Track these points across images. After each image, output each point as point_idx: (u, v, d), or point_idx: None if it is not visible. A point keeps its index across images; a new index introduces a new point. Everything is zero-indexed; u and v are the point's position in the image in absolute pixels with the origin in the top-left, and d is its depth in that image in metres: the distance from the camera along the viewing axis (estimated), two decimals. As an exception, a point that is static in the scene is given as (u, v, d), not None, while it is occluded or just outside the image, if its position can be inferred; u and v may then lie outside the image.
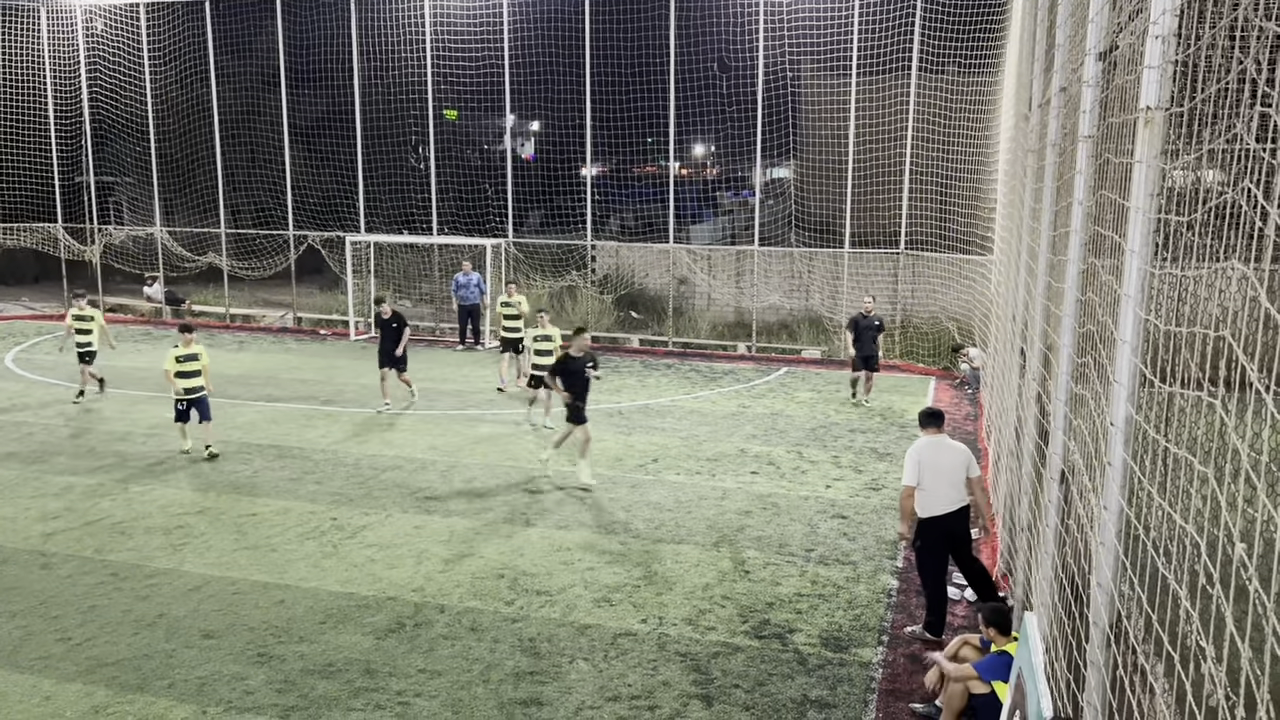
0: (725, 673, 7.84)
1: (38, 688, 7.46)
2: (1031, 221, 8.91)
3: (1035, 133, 9.23)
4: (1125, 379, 3.99)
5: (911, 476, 8.44)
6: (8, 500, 11.79)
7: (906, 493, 8.48)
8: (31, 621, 8.58)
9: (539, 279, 25.23)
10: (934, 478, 8.38)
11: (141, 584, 9.40)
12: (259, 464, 13.41)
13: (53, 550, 10.22)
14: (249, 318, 27.50)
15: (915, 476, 8.42)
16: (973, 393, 18.51)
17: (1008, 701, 6.34)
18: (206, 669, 7.78)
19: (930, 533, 8.42)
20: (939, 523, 8.41)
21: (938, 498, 8.40)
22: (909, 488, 8.46)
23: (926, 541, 8.45)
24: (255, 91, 26.85)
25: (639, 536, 10.87)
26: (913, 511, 8.45)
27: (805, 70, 23.32)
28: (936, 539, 8.44)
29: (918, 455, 8.49)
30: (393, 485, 12.54)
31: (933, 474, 8.38)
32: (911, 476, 8.44)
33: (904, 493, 8.52)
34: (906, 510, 8.49)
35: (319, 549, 10.35)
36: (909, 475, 8.46)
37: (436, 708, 7.23)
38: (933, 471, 8.39)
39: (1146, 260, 3.83)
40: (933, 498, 8.40)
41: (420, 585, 9.44)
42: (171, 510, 11.52)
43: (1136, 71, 4.03)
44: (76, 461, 13.41)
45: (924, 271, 21.94)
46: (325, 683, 7.58)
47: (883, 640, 8.50)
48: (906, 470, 8.49)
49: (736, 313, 24.71)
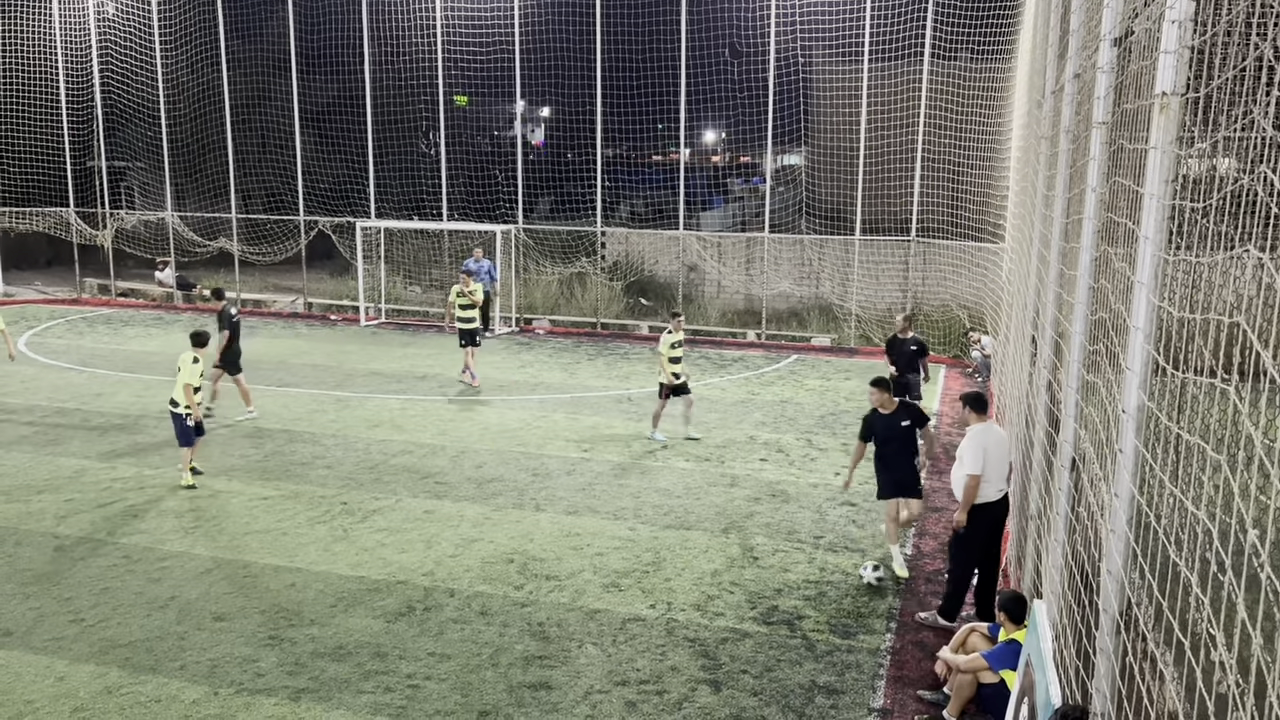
0: (733, 658, 7.86)
1: (51, 668, 7.53)
2: (1044, 208, 8.87)
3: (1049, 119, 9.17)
4: (1138, 366, 3.97)
5: (977, 464, 8.21)
6: (21, 483, 11.87)
7: (973, 482, 8.23)
8: (45, 603, 8.65)
9: (549, 265, 25.22)
10: (990, 465, 8.25)
11: (153, 566, 9.46)
12: (270, 448, 13.46)
13: (66, 533, 10.29)
14: (260, 303, 27.56)
15: (980, 464, 8.21)
16: (983, 380, 18.46)
17: (1016, 688, 6.34)
18: (218, 651, 7.83)
19: (979, 519, 8.30)
20: (990, 509, 8.32)
21: (991, 484, 8.28)
22: (975, 476, 8.22)
23: (972, 528, 8.32)
24: (266, 76, 26.84)
25: (648, 522, 10.89)
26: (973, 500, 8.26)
27: (817, 56, 23.20)
28: (982, 525, 8.34)
29: (982, 442, 8.28)
30: (403, 470, 12.58)
31: (990, 461, 8.24)
32: (977, 464, 8.21)
33: (970, 482, 8.24)
34: (970, 499, 8.27)
35: (330, 533, 10.40)
36: (974, 463, 8.22)
37: (446, 690, 7.27)
38: (990, 459, 8.25)
39: (1160, 247, 3.81)
40: (987, 484, 8.27)
41: (430, 569, 9.48)
42: (183, 494, 11.58)
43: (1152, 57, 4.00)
44: (89, 445, 13.49)
45: (935, 259, 21.87)
46: (336, 665, 7.62)
47: (891, 627, 8.51)
48: (970, 458, 8.24)
49: (746, 300, 24.68)
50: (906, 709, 7.18)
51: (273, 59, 26.43)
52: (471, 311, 17.74)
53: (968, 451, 8.29)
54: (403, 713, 6.97)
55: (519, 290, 25.04)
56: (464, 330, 17.76)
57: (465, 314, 17.72)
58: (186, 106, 27.50)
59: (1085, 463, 5.60)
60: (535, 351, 21.36)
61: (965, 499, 8.30)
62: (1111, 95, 5.36)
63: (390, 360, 19.83)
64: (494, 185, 26.24)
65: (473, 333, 17.75)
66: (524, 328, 24.60)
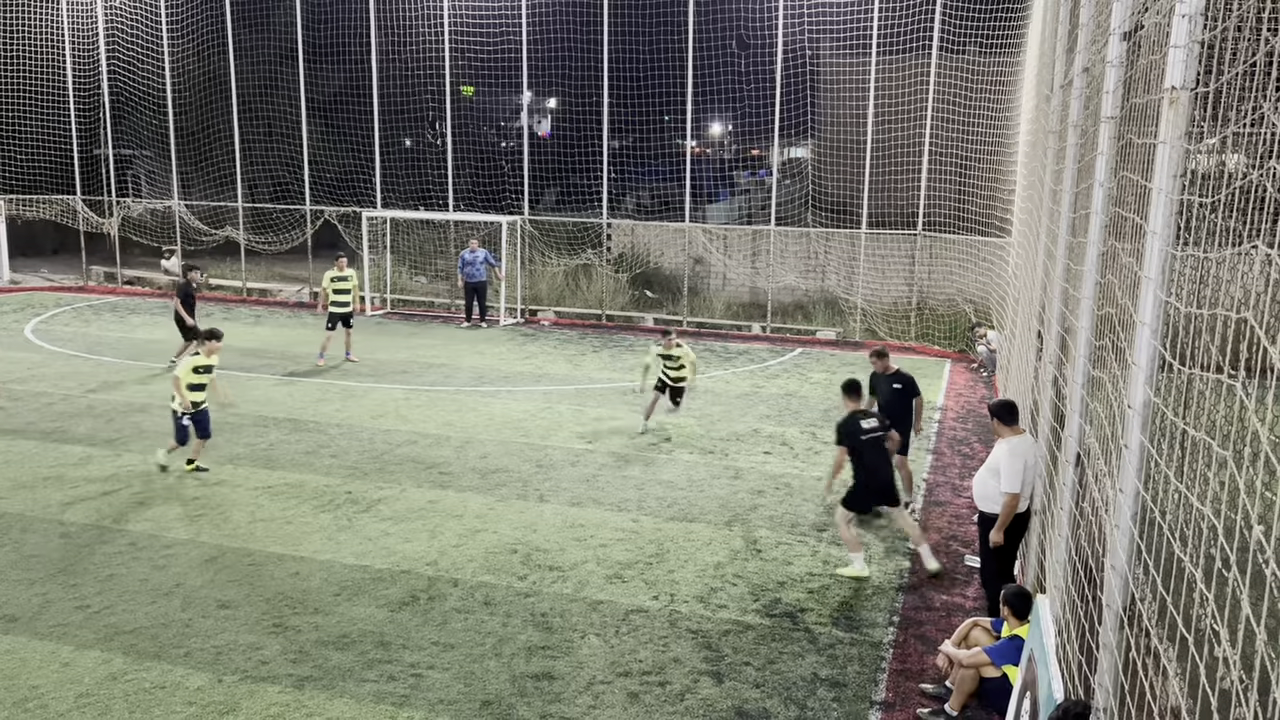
0: (736, 650, 7.88)
1: (56, 654, 7.56)
2: (1051, 203, 8.85)
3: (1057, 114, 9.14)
4: (1144, 362, 3.97)
5: (1016, 482, 7.81)
6: (28, 470, 11.91)
7: (1013, 501, 7.83)
8: (51, 589, 8.69)
9: (554, 257, 25.21)
10: (1029, 476, 7.94)
11: (159, 554, 9.50)
12: (275, 437, 13.49)
13: (71, 519, 10.33)
14: (265, 292, 27.59)
15: (1019, 481, 7.87)
16: (988, 375, 18.44)
17: (1018, 682, 6.35)
18: (222, 638, 7.86)
19: (1014, 528, 8.07)
20: (1023, 517, 8.10)
21: (1026, 495, 7.98)
22: (1015, 495, 7.82)
23: (1011, 537, 8.08)
24: (273, 66, 26.82)
25: (651, 514, 10.90)
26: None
27: (824, 49, 23.13)
28: (1017, 533, 8.14)
29: (1024, 458, 7.87)
30: (407, 460, 12.60)
31: (1029, 473, 7.93)
32: (1016, 482, 7.81)
33: (1010, 501, 7.83)
34: (1009, 518, 7.90)
35: (334, 522, 10.43)
36: (1014, 481, 7.81)
37: (449, 680, 7.30)
38: (1030, 471, 7.93)
39: (1168, 242, 3.81)
40: (1023, 496, 7.96)
41: (434, 559, 9.50)
42: (189, 481, 11.61)
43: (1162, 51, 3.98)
44: (95, 432, 13.53)
45: (941, 253, 21.82)
46: (340, 654, 7.65)
47: (894, 621, 8.51)
48: (1009, 474, 7.81)
49: (752, 293, 24.66)
50: (909, 702, 7.19)
51: (280, 48, 26.41)
52: (346, 296, 18.50)
53: (1007, 466, 7.85)
54: (406, 702, 7.00)
55: (524, 281, 25.04)
56: (335, 314, 18.47)
57: (340, 298, 18.47)
58: (193, 95, 27.49)
59: (1090, 458, 5.60)
60: (540, 343, 21.37)
61: (1004, 518, 7.92)
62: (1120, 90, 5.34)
63: (395, 350, 19.85)
64: (500, 176, 26.23)
65: (345, 316, 18.53)
66: (529, 319, 24.61)
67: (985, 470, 8.24)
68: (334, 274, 18.58)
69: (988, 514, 8.17)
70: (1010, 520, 7.96)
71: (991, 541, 8.06)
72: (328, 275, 18.69)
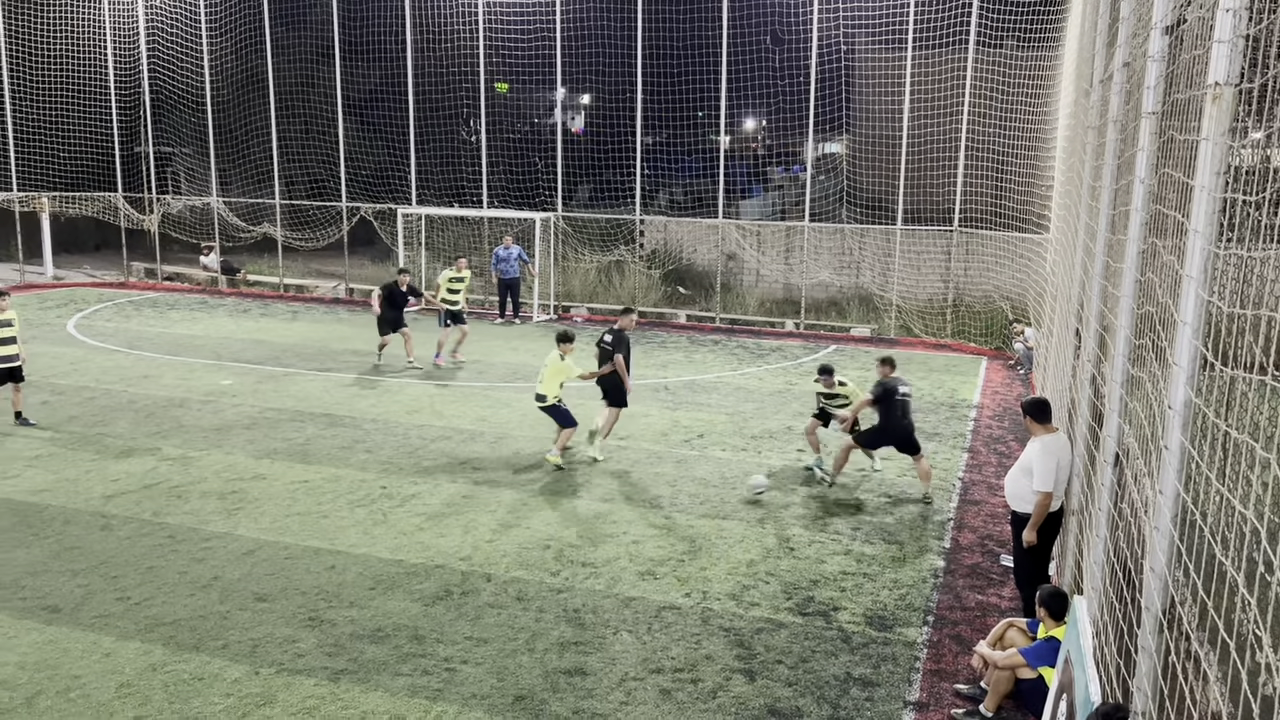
0: (768, 648, 7.86)
1: (98, 644, 7.69)
2: (1090, 200, 8.73)
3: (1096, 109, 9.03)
4: (1185, 362, 3.91)
5: (1049, 481, 7.74)
6: (70, 463, 12.12)
7: (1046, 500, 7.77)
8: (92, 580, 8.84)
9: (587, 253, 25.26)
10: (1062, 475, 7.87)
11: (197, 547, 9.63)
12: (311, 432, 13.64)
13: (113, 512, 10.50)
14: (302, 288, 27.87)
15: (1053, 480, 7.78)
16: (1025, 373, 18.26)
17: (1054, 684, 6.29)
18: (259, 631, 7.96)
19: (1048, 527, 8.01)
20: (1056, 517, 8.04)
21: (1059, 494, 7.92)
22: (1049, 494, 7.76)
23: (1045, 537, 8.02)
24: (310, 63, 27.08)
25: (684, 511, 10.90)
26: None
27: (860, 43, 22.97)
28: (1050, 533, 8.08)
29: (1057, 457, 7.81)
30: (442, 455, 12.68)
31: (1063, 472, 7.86)
32: (1049, 481, 7.74)
33: (1043, 500, 7.77)
34: (1042, 518, 7.85)
35: (369, 516, 10.52)
36: (1047, 480, 7.75)
37: (482, 675, 7.34)
38: (1063, 470, 7.86)
39: (1210, 240, 3.75)
40: (1056, 495, 7.90)
41: (468, 554, 9.56)
42: (226, 475, 11.76)
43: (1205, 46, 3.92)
44: (135, 426, 13.74)
45: (978, 249, 21.61)
46: (374, 647, 7.72)
47: (928, 620, 8.46)
48: (1043, 473, 7.74)
49: (785, 289, 24.57)
50: (942, 703, 7.14)
51: (317, 46, 26.66)
52: (457, 296, 18.50)
53: (1040, 465, 7.77)
54: (439, 695, 7.05)
55: (557, 278, 25.11)
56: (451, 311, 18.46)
57: (452, 296, 18.47)
58: (231, 93, 27.82)
59: (1129, 458, 5.53)
60: (573, 339, 21.41)
61: (1037, 517, 7.85)
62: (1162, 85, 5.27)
63: (429, 347, 19.97)
64: (533, 172, 26.31)
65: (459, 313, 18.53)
66: (562, 315, 24.67)
67: (1018, 469, 8.15)
68: (452, 274, 18.62)
69: (1020, 514, 8.07)
70: (1043, 519, 7.88)
71: (1025, 541, 7.99)
72: (445, 274, 18.71)
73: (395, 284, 17.86)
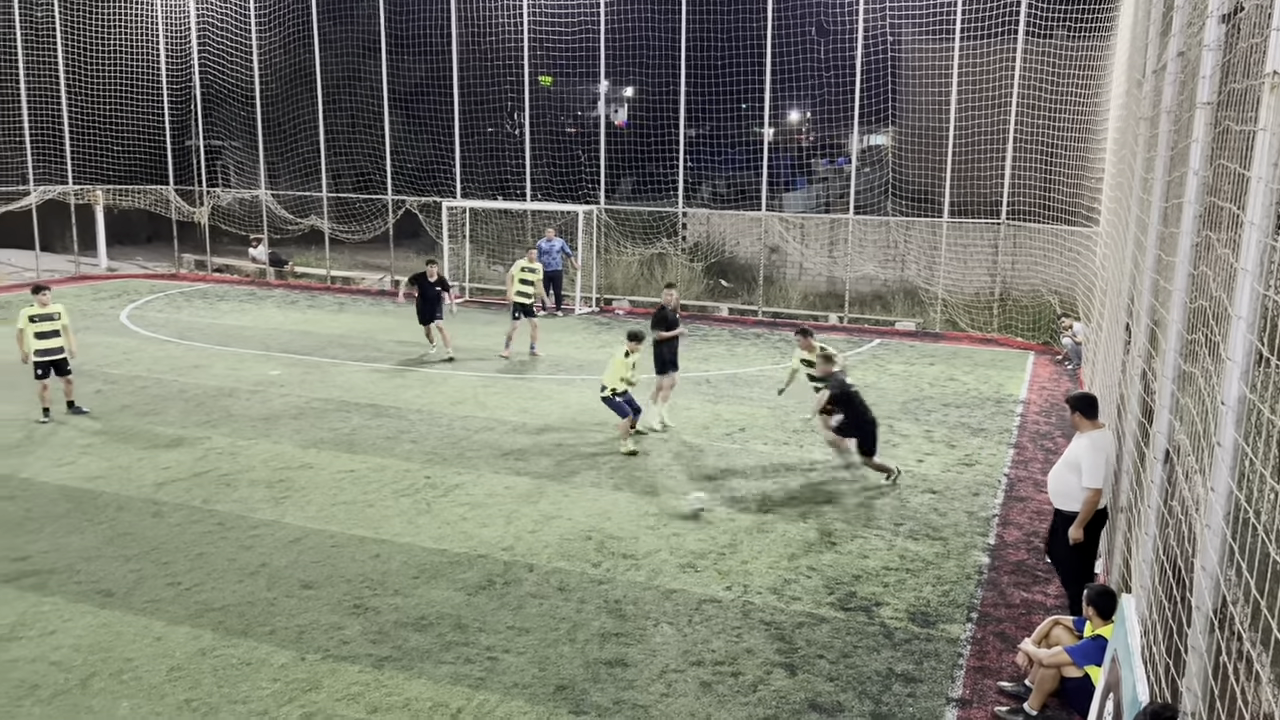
0: (810, 643, 7.83)
1: (149, 628, 7.86)
2: (1142, 192, 8.57)
3: (1149, 99, 8.85)
4: (1239, 356, 3.83)
5: (1099, 477, 7.63)
6: (122, 451, 12.38)
7: (1096, 496, 7.68)
8: (144, 566, 9.03)
9: (630, 246, 25.27)
10: (1109, 471, 7.79)
11: (245, 534, 9.80)
12: (357, 422, 13.80)
13: (164, 499, 10.71)
14: (348, 280, 28.19)
15: (1102, 477, 7.67)
16: (1073, 369, 17.99)
17: (1101, 683, 6.21)
18: (305, 618, 8.08)
19: (1093, 524, 7.91)
20: (1101, 513, 7.92)
21: (1107, 490, 7.82)
22: (1098, 491, 7.66)
23: (1090, 534, 7.93)
24: (356, 57, 27.35)
25: (725, 505, 10.89)
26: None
27: (906, 34, 22.72)
28: (1096, 530, 7.98)
29: (1106, 452, 7.72)
30: (485, 446, 12.78)
31: (1110, 468, 7.78)
32: (1099, 477, 7.63)
33: (1093, 496, 7.68)
34: (1090, 514, 7.75)
35: (413, 506, 10.63)
36: (1097, 476, 7.64)
37: (524, 664, 7.40)
38: (1110, 466, 7.78)
39: (1267, 233, 3.67)
40: (1105, 491, 7.81)
41: (510, 544, 9.63)
42: (274, 464, 11.94)
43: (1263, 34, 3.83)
44: (186, 415, 13.99)
45: (1025, 243, 21.30)
46: (418, 635, 7.81)
47: (971, 617, 8.37)
48: (1092, 470, 7.64)
49: (829, 282, 24.40)
50: (986, 700, 7.08)
51: (363, 40, 26.91)
52: (530, 287, 18.43)
53: (1088, 462, 7.67)
54: (482, 684, 7.11)
55: (599, 270, 25.15)
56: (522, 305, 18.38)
57: (524, 288, 18.37)
58: (280, 87, 28.18)
59: (1180, 455, 5.43)
60: (615, 332, 21.43)
61: (1085, 514, 7.75)
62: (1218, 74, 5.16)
63: (473, 338, 20.11)
64: (576, 165, 26.36)
65: (529, 307, 18.43)
66: (604, 308, 24.72)
67: (1063, 466, 8.01)
68: (524, 264, 18.60)
69: (1066, 511, 7.95)
70: (1090, 516, 7.76)
71: (1071, 538, 7.87)
72: (518, 264, 18.68)
73: (424, 274, 17.97)
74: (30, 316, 13.46)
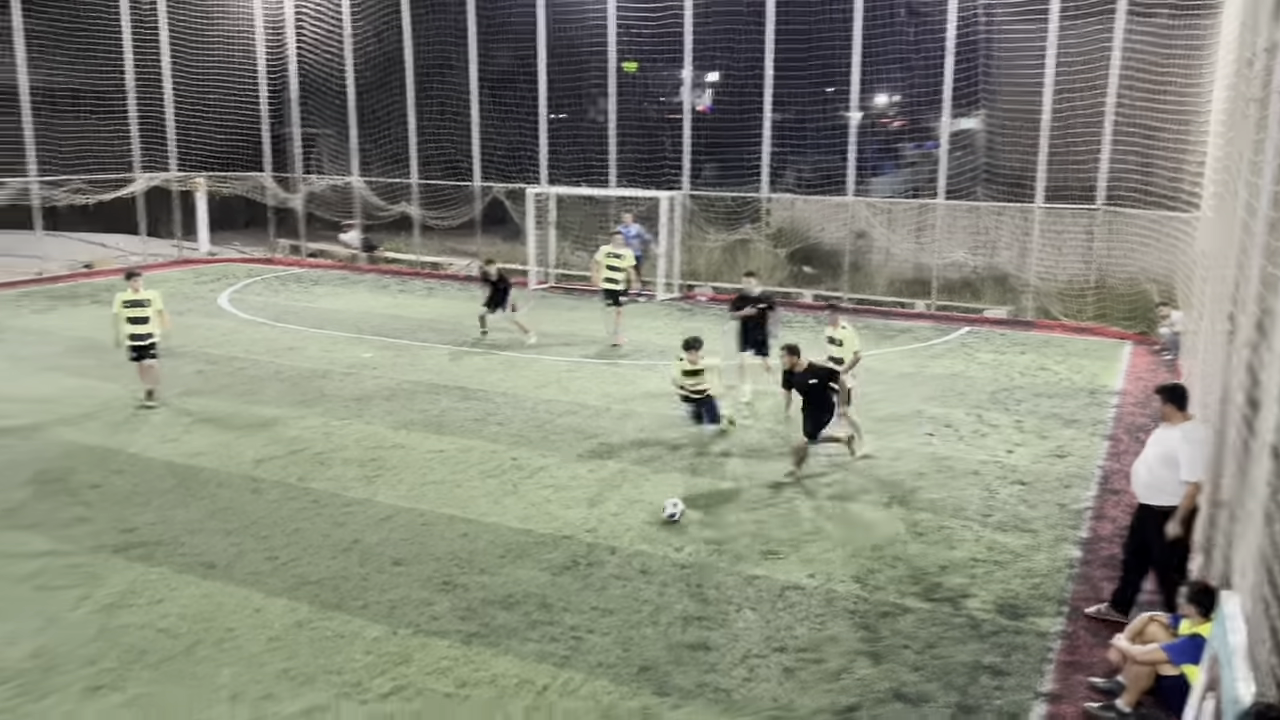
0: (894, 632, 7.77)
1: (249, 600, 8.17)
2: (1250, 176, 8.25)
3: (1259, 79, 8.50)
4: (1355, 347, 3.68)
5: (1197, 470, 7.40)
6: (223, 429, 12.84)
7: (1196, 491, 7.45)
8: (244, 540, 9.38)
9: (713, 232, 25.18)
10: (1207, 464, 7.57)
11: (339, 511, 10.09)
12: (446, 404, 14.07)
13: (262, 476, 11.09)
14: (437, 265, 28.67)
15: (1201, 470, 7.45)
16: (1171, 359, 17.40)
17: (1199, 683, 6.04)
18: (396, 593, 8.30)
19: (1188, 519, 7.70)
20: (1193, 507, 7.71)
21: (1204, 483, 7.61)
22: (1199, 485, 7.43)
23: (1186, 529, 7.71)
24: (446, 45, 27.72)
25: (808, 493, 10.84)
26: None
27: (1000, 14, 22.13)
28: (1189, 525, 7.75)
29: (1202, 444, 7.49)
30: (569, 430, 12.92)
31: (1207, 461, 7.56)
32: (1197, 470, 7.40)
33: (1194, 490, 7.45)
34: (1189, 508, 7.53)
35: (500, 487, 10.82)
36: (1196, 469, 7.41)
37: (608, 644, 7.49)
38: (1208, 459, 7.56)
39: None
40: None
41: (594, 526, 9.74)
42: (366, 444, 12.26)
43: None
44: (282, 395, 14.44)
45: (1123, 229, 20.61)
46: (505, 613, 7.96)
47: (1062, 611, 8.21)
48: (1190, 463, 7.42)
49: (916, 269, 23.96)
50: (1076, 695, 6.94)
51: (453, 28, 27.26)
52: (619, 274, 18.32)
53: (1186, 455, 7.43)
54: (566, 662, 7.23)
55: (682, 256, 25.13)
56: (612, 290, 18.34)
57: (612, 274, 18.30)
58: (372, 75, 28.74)
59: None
60: (697, 318, 21.43)
61: (1185, 508, 7.50)
62: (1336, 52, 4.93)
63: (558, 323, 20.31)
64: (660, 151, 26.33)
65: (617, 293, 18.34)
66: (686, 294, 24.70)
67: (1154, 460, 7.73)
68: (609, 249, 18.52)
69: (1157, 507, 7.67)
70: (1189, 511, 7.53)
71: (1169, 534, 7.64)
72: (603, 250, 18.64)
73: (484, 273, 18.33)
74: (124, 301, 13.81)
